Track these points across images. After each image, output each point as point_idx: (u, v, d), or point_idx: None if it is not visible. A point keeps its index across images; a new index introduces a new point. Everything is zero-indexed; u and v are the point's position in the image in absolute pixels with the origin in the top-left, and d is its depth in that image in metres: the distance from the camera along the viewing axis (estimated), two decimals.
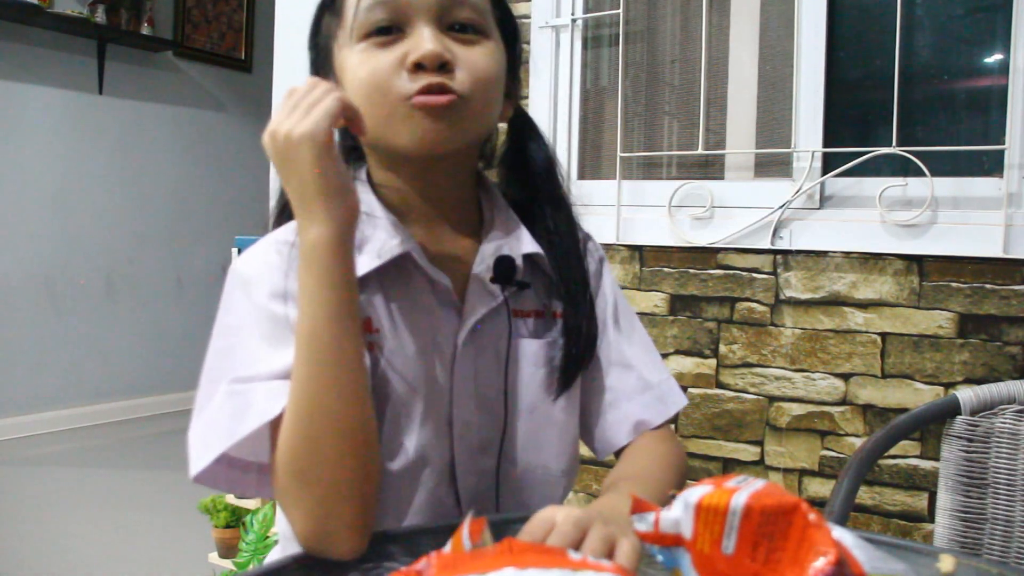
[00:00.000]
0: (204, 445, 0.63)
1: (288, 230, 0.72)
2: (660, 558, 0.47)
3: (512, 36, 0.79)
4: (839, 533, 0.41)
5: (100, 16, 3.84)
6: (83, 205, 3.95)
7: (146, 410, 4.19)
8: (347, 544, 0.61)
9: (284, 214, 0.76)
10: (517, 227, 0.78)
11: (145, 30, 4.06)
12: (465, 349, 0.74)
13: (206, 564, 2.14)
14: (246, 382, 0.64)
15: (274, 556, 0.84)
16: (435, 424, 0.73)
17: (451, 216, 0.77)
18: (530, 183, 0.82)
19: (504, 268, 0.75)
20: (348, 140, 0.80)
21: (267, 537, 1.90)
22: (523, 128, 0.83)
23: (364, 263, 0.70)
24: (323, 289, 0.61)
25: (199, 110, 4.45)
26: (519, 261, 0.76)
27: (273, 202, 0.79)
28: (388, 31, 0.70)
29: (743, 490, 0.42)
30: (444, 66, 0.68)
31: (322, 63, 0.77)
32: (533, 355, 0.77)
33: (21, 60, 3.68)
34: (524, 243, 0.77)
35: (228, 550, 2.09)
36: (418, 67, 0.68)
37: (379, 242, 0.72)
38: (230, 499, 2.16)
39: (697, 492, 0.44)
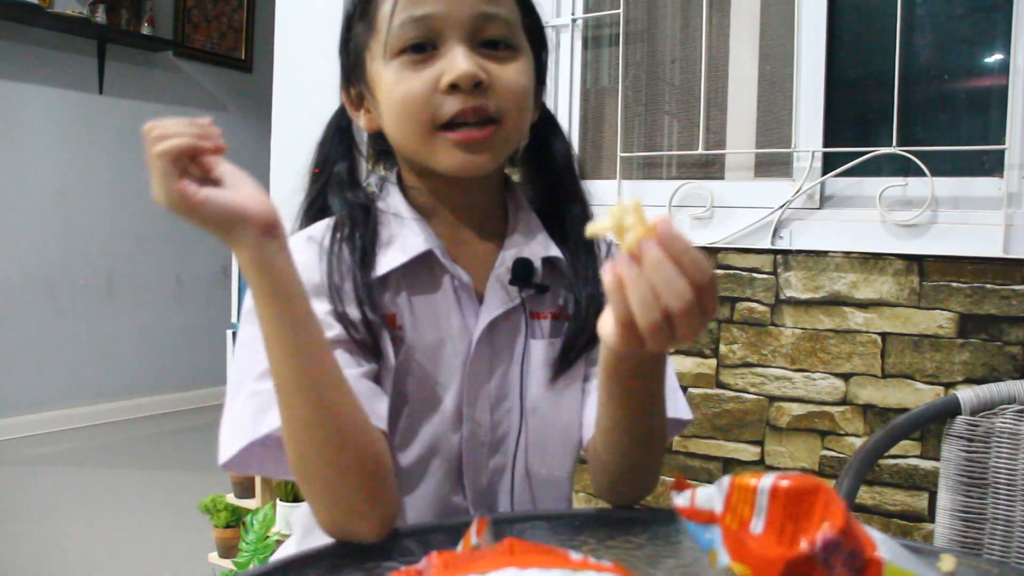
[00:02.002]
0: (230, 438, 0.66)
1: (316, 228, 0.76)
2: (698, 538, 0.48)
3: (540, 42, 0.80)
4: (874, 534, 0.42)
5: (100, 16, 3.84)
6: (83, 205, 3.95)
7: (146, 410, 4.19)
8: (365, 533, 0.62)
9: (309, 213, 0.80)
10: (539, 231, 0.80)
11: (145, 30, 4.06)
12: (480, 348, 0.75)
13: (206, 564, 2.14)
14: (267, 379, 0.65)
15: (288, 549, 0.84)
16: (447, 420, 0.75)
17: (477, 219, 0.79)
18: (551, 179, 0.84)
19: (522, 270, 0.76)
20: (380, 144, 0.81)
21: (267, 537, 1.90)
22: (546, 126, 0.84)
23: (390, 260, 0.74)
24: (260, 307, 0.60)
25: (199, 110, 4.45)
26: (538, 264, 0.77)
27: (297, 205, 0.81)
28: (422, 48, 0.71)
29: (772, 474, 0.44)
30: (479, 85, 0.70)
31: (354, 71, 0.78)
32: (540, 355, 0.78)
33: (21, 60, 3.68)
34: (544, 247, 0.79)
35: (228, 550, 2.09)
36: (453, 87, 0.69)
37: (404, 240, 0.75)
38: (230, 499, 2.16)
39: (733, 475, 0.46)
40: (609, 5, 1.93)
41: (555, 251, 0.79)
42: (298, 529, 0.83)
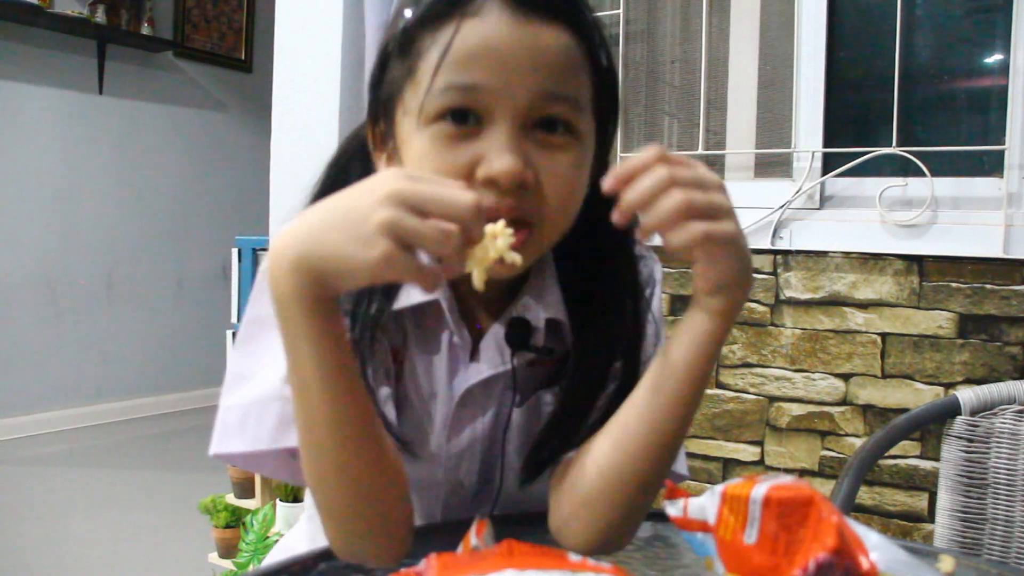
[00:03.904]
0: (238, 428, 0.61)
1: None
2: (693, 545, 0.48)
3: (610, 111, 0.66)
4: (864, 532, 0.42)
5: (100, 16, 3.84)
6: (83, 205, 3.95)
7: (146, 410, 4.19)
8: (379, 561, 0.58)
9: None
10: (552, 291, 0.69)
11: (145, 30, 4.05)
12: (463, 412, 0.69)
13: (206, 564, 2.14)
14: None
15: (298, 538, 0.83)
16: (425, 477, 0.70)
17: (498, 281, 0.68)
18: (599, 241, 0.70)
19: (519, 332, 0.67)
20: None
21: (267, 537, 1.90)
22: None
23: (399, 300, 0.66)
24: (314, 371, 0.53)
25: (199, 110, 4.45)
26: (537, 324, 0.68)
27: (307, 194, 0.71)
28: (463, 119, 0.59)
29: (765, 482, 0.44)
30: (522, 183, 0.58)
31: (381, 117, 0.67)
32: (526, 417, 0.71)
33: (21, 60, 3.68)
34: (548, 308, 0.69)
35: (228, 550, 2.09)
36: (490, 180, 0.58)
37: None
38: (230, 499, 2.16)
39: (725, 483, 0.46)
40: (609, 5, 1.93)
41: (559, 314, 0.69)
42: (306, 519, 0.81)
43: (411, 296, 0.66)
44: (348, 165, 0.72)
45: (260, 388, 0.62)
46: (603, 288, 0.69)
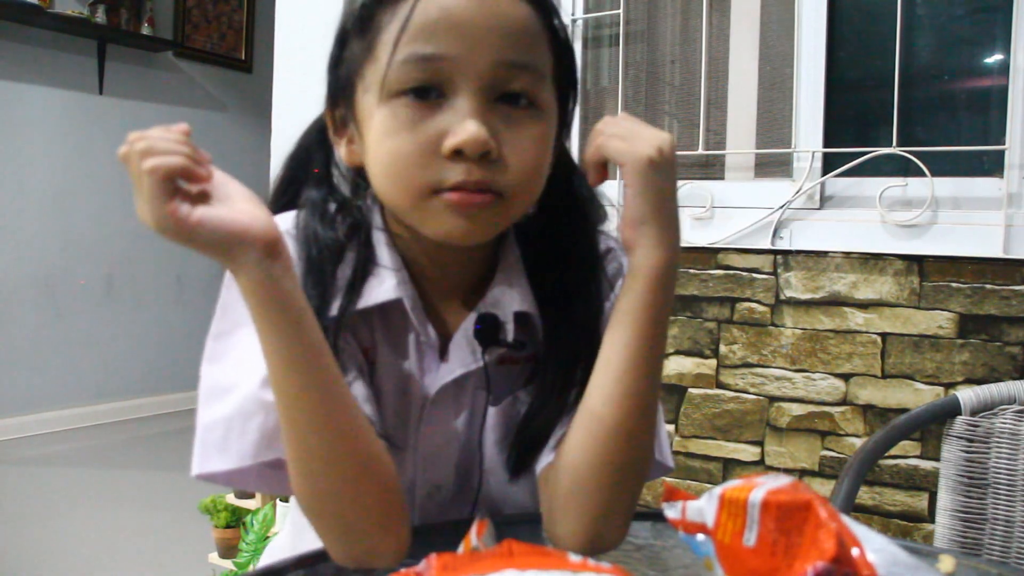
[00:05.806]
0: (220, 445, 0.60)
1: (286, 220, 0.67)
2: (692, 546, 0.48)
3: (570, 88, 0.68)
4: (865, 533, 0.42)
5: (100, 16, 3.84)
6: (83, 205, 3.95)
7: (146, 410, 4.19)
8: (380, 560, 0.57)
9: (280, 202, 0.71)
10: (520, 284, 0.69)
11: (145, 30, 4.06)
12: (435, 411, 0.68)
13: (206, 564, 2.14)
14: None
15: (280, 546, 0.82)
16: (402, 481, 0.68)
17: (464, 274, 0.70)
18: (558, 223, 0.71)
19: (487, 327, 0.67)
20: (362, 177, 0.69)
21: (267, 537, 1.90)
22: (561, 167, 0.70)
23: (362, 300, 0.65)
24: (266, 338, 0.54)
25: (199, 110, 4.45)
26: (505, 319, 0.67)
27: (272, 189, 0.73)
28: (425, 93, 0.58)
29: (763, 485, 0.44)
30: (486, 154, 0.58)
31: (341, 97, 0.66)
32: (501, 416, 0.70)
33: (21, 60, 3.68)
34: (519, 301, 0.68)
35: (228, 550, 2.09)
36: (456, 152, 0.58)
37: (377, 282, 0.66)
38: (230, 499, 2.16)
39: (723, 485, 0.46)
40: (609, 5, 1.93)
41: (528, 306, 0.68)
42: (289, 526, 0.80)
43: (373, 296, 0.65)
44: (308, 158, 0.72)
45: (239, 400, 0.60)
46: (569, 278, 0.69)
